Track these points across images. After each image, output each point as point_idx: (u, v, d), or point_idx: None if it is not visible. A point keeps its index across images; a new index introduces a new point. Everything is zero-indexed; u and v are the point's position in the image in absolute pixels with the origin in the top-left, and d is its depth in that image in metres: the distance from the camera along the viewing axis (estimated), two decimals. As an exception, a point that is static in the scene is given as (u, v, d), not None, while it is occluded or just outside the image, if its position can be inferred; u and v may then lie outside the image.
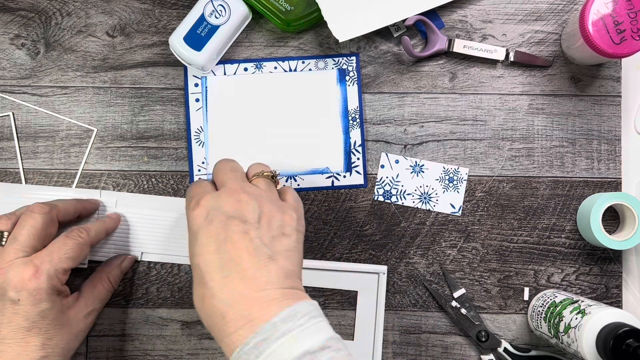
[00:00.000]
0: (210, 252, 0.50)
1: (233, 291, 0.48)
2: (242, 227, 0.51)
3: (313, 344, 0.45)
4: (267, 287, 0.48)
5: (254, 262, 0.49)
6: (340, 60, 0.69)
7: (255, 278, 0.49)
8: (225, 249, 0.50)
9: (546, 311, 0.63)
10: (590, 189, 0.69)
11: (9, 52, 0.69)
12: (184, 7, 0.69)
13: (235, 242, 0.50)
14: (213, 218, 0.51)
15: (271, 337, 0.45)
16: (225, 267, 0.49)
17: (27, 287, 0.55)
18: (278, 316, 0.46)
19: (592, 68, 0.69)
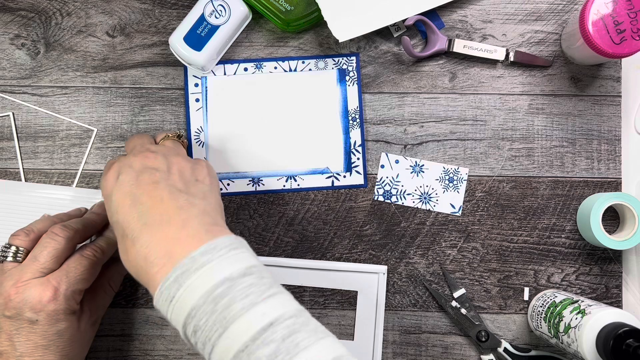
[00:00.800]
0: (126, 207, 0.50)
1: (154, 235, 0.48)
2: (153, 178, 0.52)
3: (233, 271, 0.45)
4: (187, 225, 0.49)
5: (171, 205, 0.50)
6: (340, 60, 0.69)
7: (173, 219, 0.49)
8: (141, 201, 0.50)
9: (546, 311, 0.63)
10: (590, 189, 0.69)
11: (9, 52, 0.69)
12: (184, 7, 0.69)
13: (149, 192, 0.51)
14: (123, 176, 0.52)
15: (190, 269, 0.45)
16: (143, 215, 0.49)
17: (46, 309, 0.55)
18: (197, 250, 0.46)
19: (592, 68, 0.69)
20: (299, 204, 0.69)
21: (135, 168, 0.53)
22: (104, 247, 0.61)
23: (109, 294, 0.63)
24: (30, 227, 0.60)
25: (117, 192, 0.52)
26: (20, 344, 0.55)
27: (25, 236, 0.58)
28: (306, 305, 0.68)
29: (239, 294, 0.44)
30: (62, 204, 0.68)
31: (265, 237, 0.69)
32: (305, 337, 0.43)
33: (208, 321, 0.44)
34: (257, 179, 0.69)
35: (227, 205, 0.69)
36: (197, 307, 0.44)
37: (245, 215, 0.69)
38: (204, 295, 0.44)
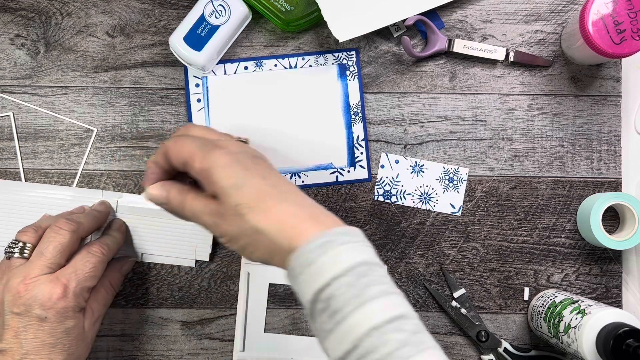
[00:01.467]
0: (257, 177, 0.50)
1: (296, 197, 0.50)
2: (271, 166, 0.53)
3: (370, 258, 0.47)
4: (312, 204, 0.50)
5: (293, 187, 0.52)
6: (340, 56, 0.69)
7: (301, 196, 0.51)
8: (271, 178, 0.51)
9: (546, 311, 0.63)
10: (590, 189, 0.69)
11: (9, 52, 0.69)
12: (184, 7, 0.69)
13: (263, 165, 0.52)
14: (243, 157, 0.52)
15: (335, 241, 0.46)
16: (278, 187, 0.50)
17: (56, 307, 0.55)
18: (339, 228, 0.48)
19: (592, 68, 0.69)
20: (299, 204, 0.69)
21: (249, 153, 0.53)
22: (110, 245, 0.61)
23: (109, 293, 0.63)
24: (37, 223, 0.60)
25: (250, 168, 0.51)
26: (27, 341, 0.54)
27: (34, 232, 0.58)
28: (306, 305, 0.68)
29: (376, 278, 0.46)
30: (62, 204, 0.68)
31: (265, 237, 0.69)
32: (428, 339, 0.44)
33: (346, 293, 0.44)
34: (258, 179, 0.69)
35: (227, 205, 0.69)
36: (337, 277, 0.45)
37: (245, 215, 0.69)
38: (348, 268, 0.45)
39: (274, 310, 0.68)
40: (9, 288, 0.56)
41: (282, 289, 0.69)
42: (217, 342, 0.68)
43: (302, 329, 0.69)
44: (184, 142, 0.52)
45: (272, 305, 0.68)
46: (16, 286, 0.55)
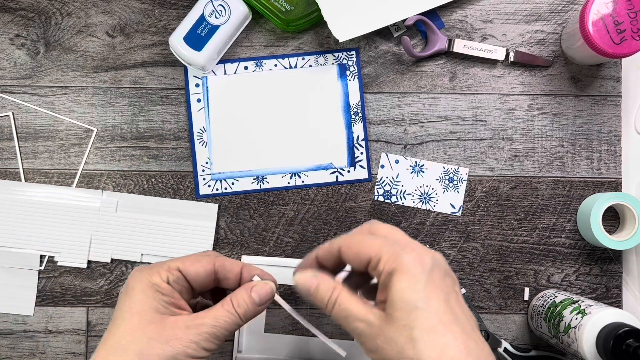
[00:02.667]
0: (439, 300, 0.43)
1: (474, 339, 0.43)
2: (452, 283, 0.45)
3: None
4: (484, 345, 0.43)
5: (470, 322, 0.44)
6: (340, 56, 0.69)
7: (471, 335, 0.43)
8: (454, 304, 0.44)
9: (546, 311, 0.63)
10: (590, 189, 0.69)
11: (9, 52, 0.69)
12: (184, 7, 0.69)
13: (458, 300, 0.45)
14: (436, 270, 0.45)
15: None
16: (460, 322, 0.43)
17: None
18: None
19: (592, 68, 0.69)
20: (299, 204, 0.69)
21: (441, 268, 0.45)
22: None
23: None
24: None
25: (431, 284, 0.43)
26: None
27: None
28: (306, 305, 0.68)
29: None
30: (62, 204, 0.68)
31: (265, 237, 0.69)
32: None
33: None
34: (262, 177, 0.69)
35: (227, 205, 0.69)
36: None
37: (245, 215, 0.69)
38: None
39: (274, 310, 0.68)
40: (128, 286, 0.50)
41: (282, 289, 0.69)
42: (217, 342, 0.68)
43: (303, 329, 0.69)
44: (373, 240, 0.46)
45: (272, 305, 0.68)
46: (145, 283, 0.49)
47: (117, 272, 0.68)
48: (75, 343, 0.68)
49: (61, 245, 0.68)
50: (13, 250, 0.68)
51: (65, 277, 0.68)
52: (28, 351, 0.68)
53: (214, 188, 0.69)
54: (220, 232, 0.69)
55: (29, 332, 0.68)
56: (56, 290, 0.68)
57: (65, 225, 0.68)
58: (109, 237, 0.68)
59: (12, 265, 0.68)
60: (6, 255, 0.68)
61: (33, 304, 0.68)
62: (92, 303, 0.68)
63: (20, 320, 0.68)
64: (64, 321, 0.68)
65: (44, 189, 0.68)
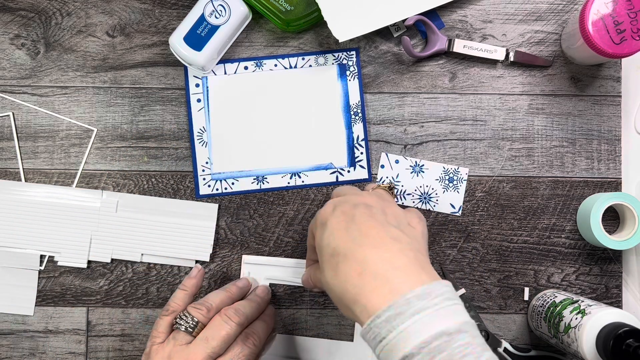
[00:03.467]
0: (341, 230, 0.50)
1: (369, 252, 0.48)
2: (368, 211, 0.52)
3: (449, 325, 0.43)
4: (401, 254, 0.48)
5: (385, 235, 0.49)
6: (340, 56, 0.69)
7: (388, 245, 0.48)
8: (355, 227, 0.50)
9: (546, 311, 0.63)
10: (590, 189, 0.69)
11: (9, 52, 0.69)
12: (184, 7, 0.69)
13: (363, 221, 0.51)
14: (340, 208, 0.53)
15: (405, 312, 0.43)
16: (357, 238, 0.49)
17: None
18: (412, 292, 0.44)
19: (592, 68, 0.69)
20: (299, 204, 0.69)
21: (351, 202, 0.53)
22: (262, 337, 0.60)
23: None
24: (210, 302, 0.59)
25: (333, 220, 0.52)
26: None
27: (207, 312, 0.58)
28: (306, 305, 0.68)
29: (456, 351, 0.42)
30: (62, 204, 0.68)
31: (265, 237, 0.69)
32: None
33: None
34: (262, 177, 0.69)
35: (227, 205, 0.69)
36: (410, 356, 0.42)
37: (245, 215, 0.69)
38: (419, 345, 0.42)
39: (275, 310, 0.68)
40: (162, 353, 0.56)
41: (282, 289, 0.69)
42: (217, 342, 0.68)
43: (302, 329, 0.69)
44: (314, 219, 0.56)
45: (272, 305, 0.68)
46: None
47: (117, 272, 0.68)
48: (75, 343, 0.68)
49: (61, 245, 0.68)
50: (13, 250, 0.68)
51: (65, 277, 0.68)
52: (28, 351, 0.68)
53: (214, 188, 0.69)
54: (220, 232, 0.69)
55: (29, 332, 0.68)
56: (56, 290, 0.68)
57: (65, 225, 0.68)
58: (109, 237, 0.68)
59: (12, 265, 0.68)
60: (6, 255, 0.68)
61: (33, 304, 0.68)
62: (92, 303, 0.68)
63: (20, 320, 0.68)
64: (64, 321, 0.68)
65: (44, 189, 0.68)
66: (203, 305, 0.59)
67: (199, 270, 0.63)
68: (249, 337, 0.59)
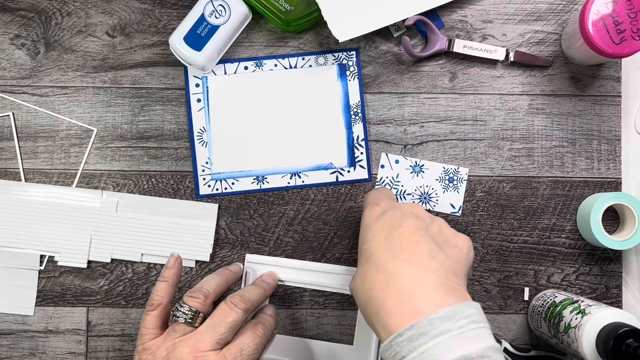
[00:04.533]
0: (382, 237, 0.50)
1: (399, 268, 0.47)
2: (416, 223, 0.51)
3: (471, 351, 0.42)
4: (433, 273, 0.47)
5: (424, 251, 0.49)
6: (340, 56, 0.69)
7: (422, 263, 0.48)
8: (397, 238, 0.50)
9: (546, 311, 0.63)
10: (590, 189, 0.69)
11: (9, 52, 0.69)
12: (184, 7, 0.69)
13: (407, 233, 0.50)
14: (389, 213, 0.53)
15: (427, 333, 0.43)
16: (394, 250, 0.49)
17: None
18: (437, 313, 0.44)
19: (592, 68, 0.69)
20: (299, 204, 0.69)
21: (402, 210, 0.53)
22: (271, 322, 0.60)
23: None
24: (206, 288, 0.58)
25: (378, 224, 0.52)
26: None
27: (204, 299, 0.57)
28: (306, 305, 0.68)
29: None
30: (62, 204, 0.68)
31: (265, 237, 0.69)
32: None
33: None
34: (262, 177, 0.69)
35: (227, 205, 0.69)
36: None
37: (245, 215, 0.69)
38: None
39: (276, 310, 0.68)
40: (176, 355, 0.54)
41: (282, 289, 0.69)
42: (217, 342, 0.68)
43: (302, 329, 0.69)
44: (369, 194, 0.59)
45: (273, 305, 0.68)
46: (184, 356, 0.54)
47: (117, 272, 0.68)
48: (75, 343, 0.68)
49: (61, 245, 0.68)
50: (13, 250, 0.68)
51: (65, 277, 0.68)
52: (28, 351, 0.68)
53: (214, 188, 0.69)
54: (220, 232, 0.69)
55: (29, 332, 0.68)
56: (56, 290, 0.68)
57: (65, 225, 0.68)
58: (109, 237, 0.68)
59: (12, 265, 0.68)
60: (6, 255, 0.68)
61: (33, 304, 0.68)
62: (92, 303, 0.68)
63: (20, 320, 0.68)
64: (64, 321, 0.68)
65: (44, 189, 0.68)
66: (200, 292, 0.57)
67: (176, 259, 0.61)
68: (258, 325, 0.58)
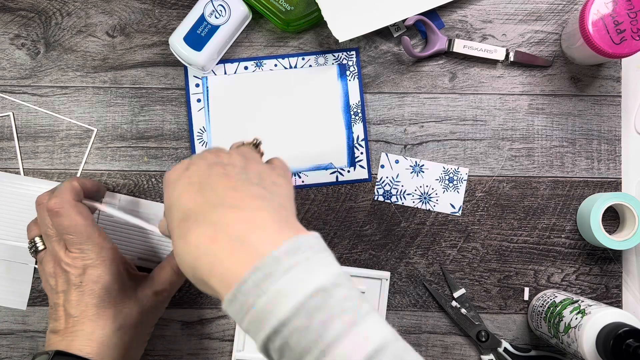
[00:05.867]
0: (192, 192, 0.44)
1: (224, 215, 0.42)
2: (226, 170, 0.46)
3: (325, 280, 0.38)
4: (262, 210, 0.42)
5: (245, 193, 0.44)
6: (340, 56, 0.69)
7: (247, 204, 0.43)
8: (211, 187, 0.44)
9: (546, 311, 0.63)
10: (590, 189, 0.69)
11: (9, 52, 0.69)
12: (184, 7, 0.69)
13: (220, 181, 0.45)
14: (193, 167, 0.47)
15: (275, 272, 0.38)
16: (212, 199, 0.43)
17: None
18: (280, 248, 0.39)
19: (592, 68, 0.69)
20: (299, 204, 0.69)
21: (207, 160, 0.47)
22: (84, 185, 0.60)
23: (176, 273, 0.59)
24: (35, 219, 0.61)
25: (184, 180, 0.46)
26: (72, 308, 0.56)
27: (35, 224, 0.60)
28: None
29: (335, 309, 0.38)
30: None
31: (265, 237, 0.69)
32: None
33: (301, 340, 0.37)
34: (257, 179, 0.69)
35: (227, 205, 0.69)
36: (286, 322, 0.37)
37: (245, 215, 0.69)
38: (295, 307, 0.37)
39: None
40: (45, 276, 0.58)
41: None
42: (217, 342, 0.68)
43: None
44: None
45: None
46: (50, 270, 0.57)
47: (117, 272, 0.68)
48: (75, 343, 0.68)
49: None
50: (9, 243, 0.67)
51: (65, 277, 0.68)
52: (28, 351, 0.68)
53: (214, 188, 0.69)
54: (220, 232, 0.69)
55: (29, 332, 0.68)
56: (56, 290, 0.68)
57: None
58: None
59: (7, 258, 0.68)
60: (2, 247, 0.67)
61: (27, 299, 0.68)
62: (92, 303, 0.68)
63: (20, 320, 0.68)
64: (64, 321, 0.68)
65: (45, 185, 0.68)
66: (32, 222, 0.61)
67: None
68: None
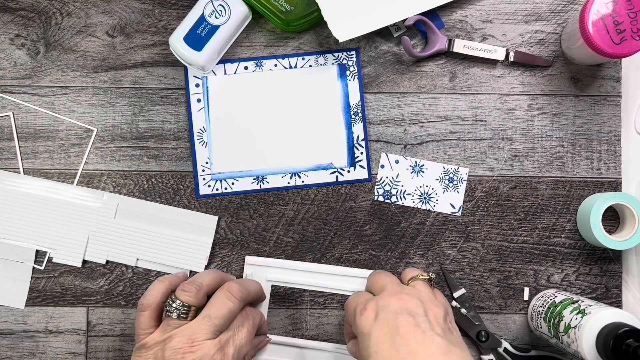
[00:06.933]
0: (386, 344, 0.51)
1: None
2: (412, 320, 0.52)
3: None
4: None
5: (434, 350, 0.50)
6: (340, 56, 0.69)
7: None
8: (401, 341, 0.51)
9: (546, 311, 0.63)
10: (590, 189, 0.69)
11: (9, 52, 0.69)
12: (184, 7, 0.69)
13: (409, 334, 0.51)
14: (381, 316, 0.53)
15: None
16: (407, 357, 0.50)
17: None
18: None
19: (592, 68, 0.69)
20: (299, 204, 0.69)
21: (392, 310, 0.53)
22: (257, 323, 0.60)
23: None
24: (199, 281, 0.59)
25: (377, 332, 0.52)
26: None
27: (196, 292, 0.57)
28: (306, 305, 0.68)
29: None
30: (62, 200, 0.68)
31: (265, 237, 0.69)
32: None
33: None
34: (262, 177, 0.69)
35: (227, 205, 0.69)
36: None
37: (245, 215, 0.69)
38: None
39: (275, 310, 0.68)
40: (171, 346, 0.55)
41: (282, 289, 0.69)
42: (217, 342, 0.68)
43: (302, 329, 0.69)
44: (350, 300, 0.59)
45: (272, 306, 0.68)
46: (181, 346, 0.54)
47: (117, 272, 0.68)
48: (75, 343, 0.68)
49: (57, 242, 0.68)
50: (8, 242, 0.67)
51: (65, 277, 0.68)
52: (28, 351, 0.68)
53: (214, 188, 0.69)
54: (220, 232, 0.69)
55: (29, 332, 0.68)
56: (56, 290, 0.68)
57: (63, 222, 0.68)
58: (106, 239, 0.68)
59: (6, 257, 0.68)
60: (1, 246, 0.67)
61: (25, 298, 0.68)
62: (92, 303, 0.68)
63: (20, 320, 0.68)
64: (64, 321, 0.68)
65: (45, 184, 0.68)
66: (192, 285, 0.58)
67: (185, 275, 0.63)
68: (250, 316, 0.59)
